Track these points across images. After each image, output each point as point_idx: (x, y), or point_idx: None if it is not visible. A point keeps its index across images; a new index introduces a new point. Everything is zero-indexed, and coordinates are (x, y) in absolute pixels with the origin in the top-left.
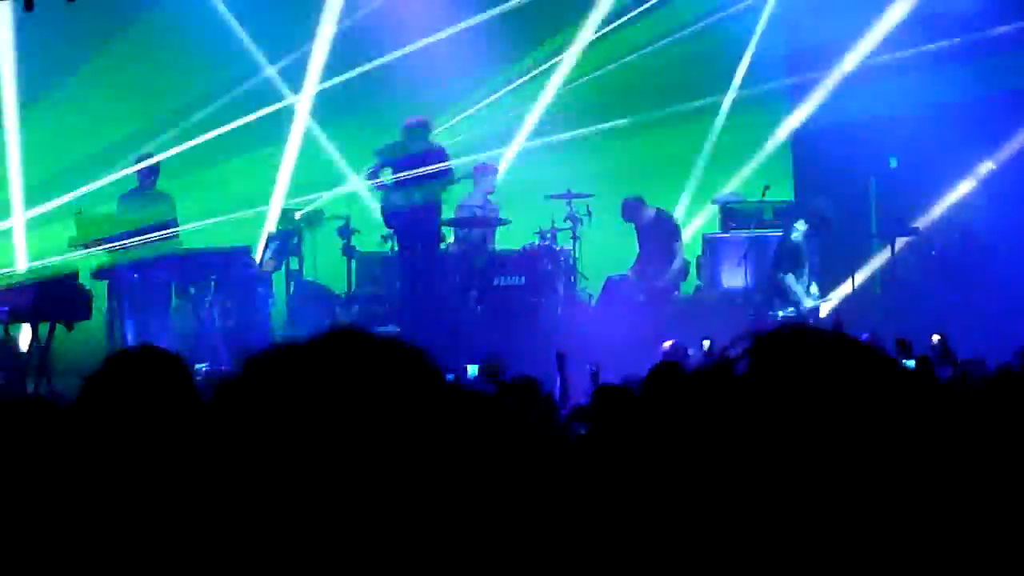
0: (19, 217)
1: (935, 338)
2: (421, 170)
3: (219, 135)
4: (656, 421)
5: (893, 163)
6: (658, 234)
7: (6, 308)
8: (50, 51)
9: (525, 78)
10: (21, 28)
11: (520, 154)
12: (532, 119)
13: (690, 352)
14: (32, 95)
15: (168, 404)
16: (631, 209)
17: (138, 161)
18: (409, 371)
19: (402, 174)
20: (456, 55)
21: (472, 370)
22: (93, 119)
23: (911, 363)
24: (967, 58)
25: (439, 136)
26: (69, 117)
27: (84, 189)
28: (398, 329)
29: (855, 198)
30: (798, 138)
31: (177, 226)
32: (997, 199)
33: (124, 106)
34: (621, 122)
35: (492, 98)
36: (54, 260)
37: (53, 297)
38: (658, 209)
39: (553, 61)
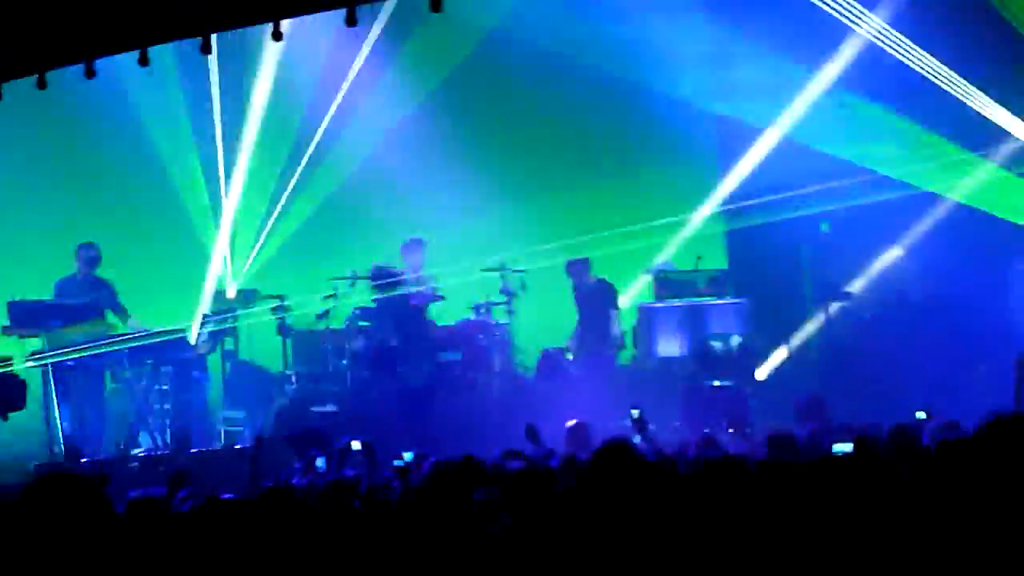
0: None
1: (920, 414)
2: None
3: (153, 215)
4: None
5: (825, 228)
6: (597, 301)
7: None
8: None
9: None
10: None
11: (452, 226)
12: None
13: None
14: None
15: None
16: (576, 269)
17: (79, 249)
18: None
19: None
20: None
21: (407, 456)
22: (28, 204)
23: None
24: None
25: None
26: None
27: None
28: (336, 408)
29: (788, 264)
30: (730, 205)
31: (118, 312)
32: (927, 262)
33: (58, 191)
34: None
35: None
36: None
37: None
38: (600, 277)
39: None
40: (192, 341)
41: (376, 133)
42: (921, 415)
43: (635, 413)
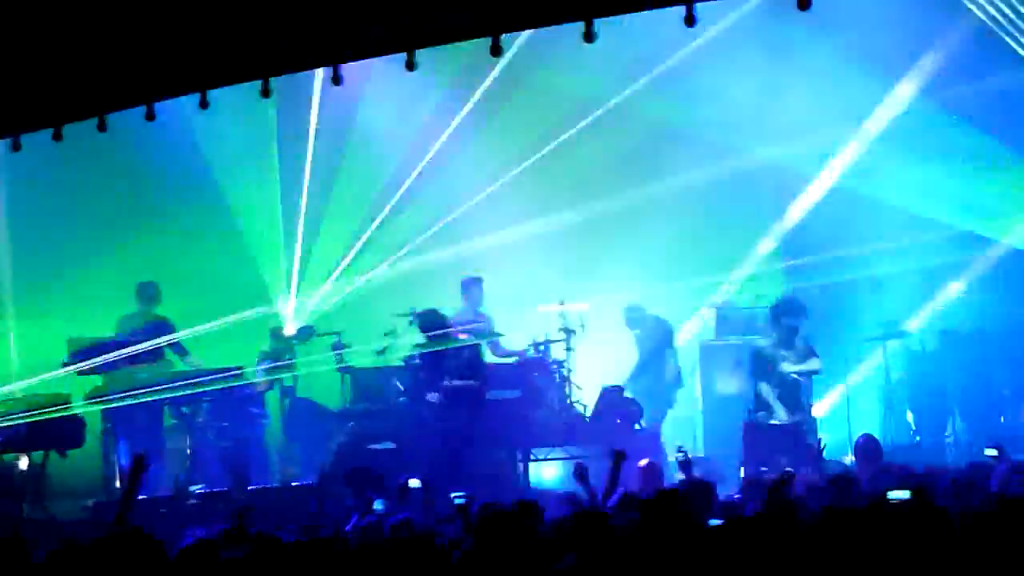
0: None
1: (990, 451)
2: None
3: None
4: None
5: (884, 266)
6: (655, 340)
7: (0, 437)
8: (39, 188)
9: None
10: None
11: (513, 264)
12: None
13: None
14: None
15: None
16: (633, 316)
17: (140, 288)
18: None
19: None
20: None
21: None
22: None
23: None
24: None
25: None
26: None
27: None
28: (394, 445)
29: (846, 298)
30: (789, 242)
31: (177, 351)
32: (986, 298)
33: (121, 230)
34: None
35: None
36: (47, 387)
37: (45, 426)
38: (656, 316)
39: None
40: (251, 378)
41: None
42: (991, 452)
43: (681, 455)
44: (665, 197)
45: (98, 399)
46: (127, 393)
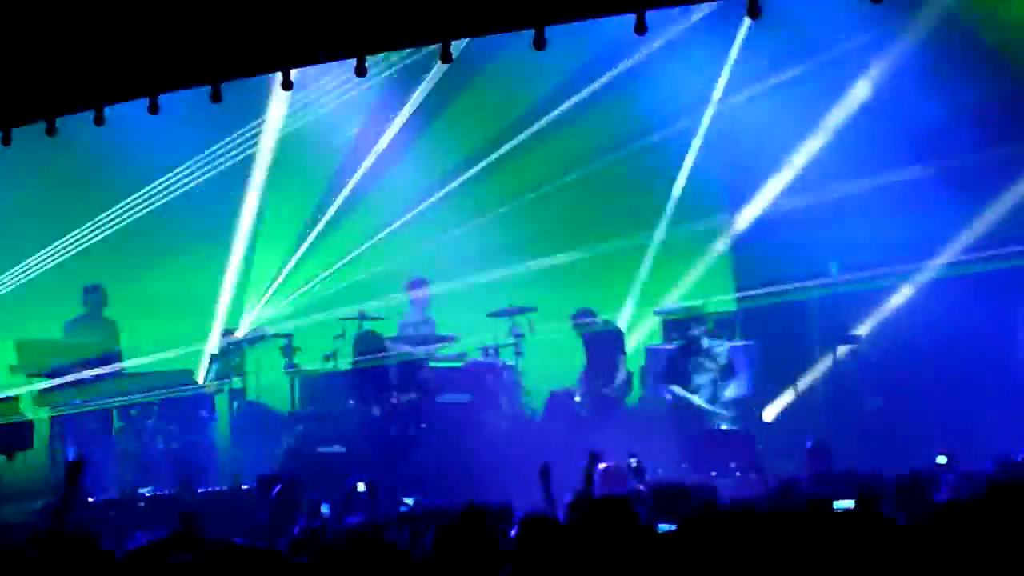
0: None
1: (941, 459)
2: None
3: (162, 255)
4: None
5: (834, 269)
6: (605, 345)
7: None
8: None
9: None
10: None
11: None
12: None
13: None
14: None
15: None
16: (581, 320)
17: (85, 291)
18: None
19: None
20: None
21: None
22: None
23: (850, 503)
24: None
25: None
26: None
27: None
28: (343, 449)
29: (796, 305)
30: (738, 246)
31: (120, 351)
32: (936, 305)
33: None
34: (562, 257)
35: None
36: None
37: None
38: (605, 320)
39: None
40: (200, 381)
41: (394, 185)
42: (942, 460)
43: (633, 462)
44: (614, 202)
45: (46, 400)
46: (75, 393)
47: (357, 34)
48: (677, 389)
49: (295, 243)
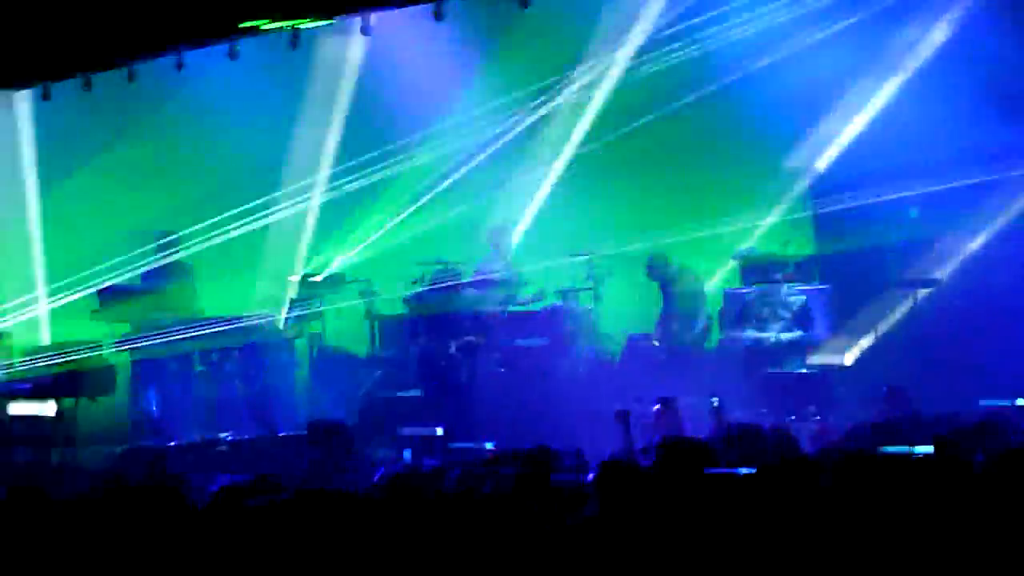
0: (42, 293)
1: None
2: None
3: (240, 201)
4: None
5: (913, 213)
6: (682, 291)
7: (29, 385)
8: (69, 137)
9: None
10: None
11: (537, 211)
12: (549, 179)
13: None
14: (53, 178)
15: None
16: (656, 266)
17: (158, 238)
18: None
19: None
20: (459, 100)
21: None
22: (112, 200)
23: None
24: (989, 103)
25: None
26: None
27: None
28: (420, 393)
29: (875, 249)
30: (817, 190)
31: (197, 294)
32: (1016, 248)
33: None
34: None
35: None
36: (77, 333)
37: (76, 372)
38: (682, 265)
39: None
40: (279, 326)
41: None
42: (1022, 402)
43: (715, 401)
44: (686, 142)
45: (127, 344)
46: (156, 338)
47: None
48: (752, 332)
49: (374, 189)
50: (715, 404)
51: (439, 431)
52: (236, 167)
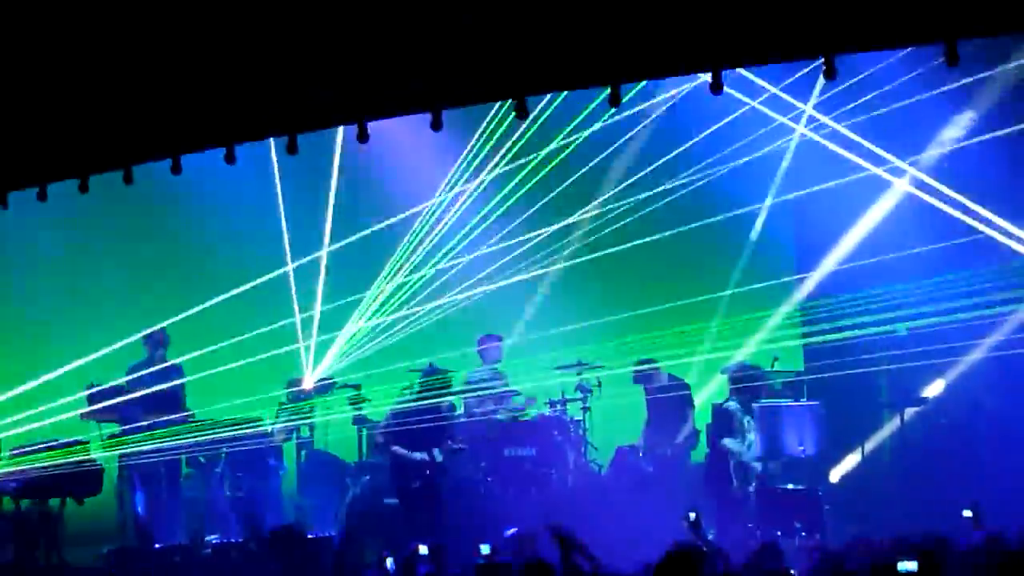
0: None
1: (966, 513)
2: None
3: (229, 305)
4: None
5: (903, 330)
6: (670, 400)
7: (17, 483)
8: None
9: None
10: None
11: (527, 324)
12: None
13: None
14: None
15: None
16: (645, 374)
17: (148, 337)
18: None
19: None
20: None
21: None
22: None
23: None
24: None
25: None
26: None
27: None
28: (403, 501)
29: (865, 367)
30: (807, 307)
31: (185, 396)
32: (1006, 369)
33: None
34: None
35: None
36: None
37: (63, 472)
38: (671, 375)
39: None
40: (268, 430)
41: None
42: (967, 514)
43: (692, 516)
44: (685, 260)
45: (116, 446)
46: (144, 440)
47: (433, 87)
48: (738, 447)
49: (364, 293)
50: (692, 518)
51: (423, 549)
52: (229, 269)
